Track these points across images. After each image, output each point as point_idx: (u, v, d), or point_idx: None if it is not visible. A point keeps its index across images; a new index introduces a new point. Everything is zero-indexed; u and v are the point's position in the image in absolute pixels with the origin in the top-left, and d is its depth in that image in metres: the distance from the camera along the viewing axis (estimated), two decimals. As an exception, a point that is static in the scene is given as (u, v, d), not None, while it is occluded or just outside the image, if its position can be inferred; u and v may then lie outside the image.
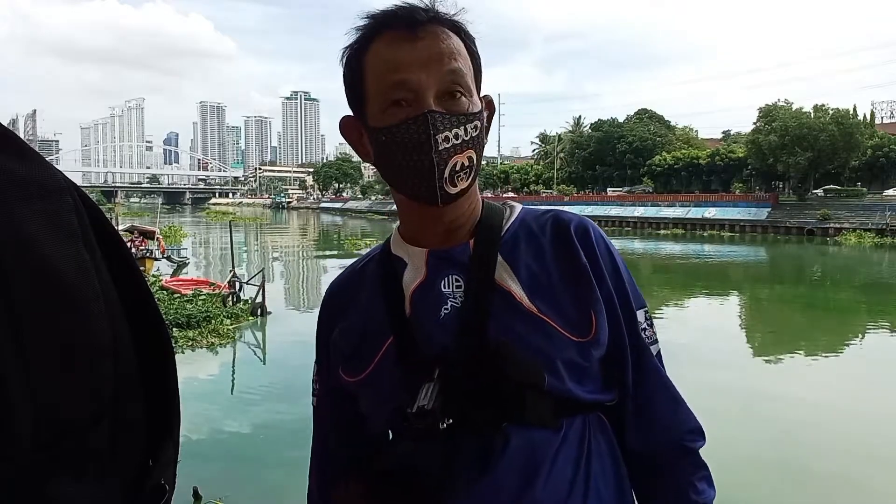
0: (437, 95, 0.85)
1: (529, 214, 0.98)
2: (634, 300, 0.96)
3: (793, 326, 14.01)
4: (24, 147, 0.51)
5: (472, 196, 0.94)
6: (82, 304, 0.51)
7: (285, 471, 6.26)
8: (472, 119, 0.87)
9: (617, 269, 0.95)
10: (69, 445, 0.50)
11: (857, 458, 6.44)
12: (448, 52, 0.86)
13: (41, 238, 0.49)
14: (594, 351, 0.89)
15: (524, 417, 0.85)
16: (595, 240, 0.94)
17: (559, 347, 0.87)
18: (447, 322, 0.89)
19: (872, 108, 71.37)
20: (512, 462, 0.84)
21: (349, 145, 0.96)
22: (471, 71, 0.89)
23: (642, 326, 0.96)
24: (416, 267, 0.94)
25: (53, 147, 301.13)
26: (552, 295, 0.89)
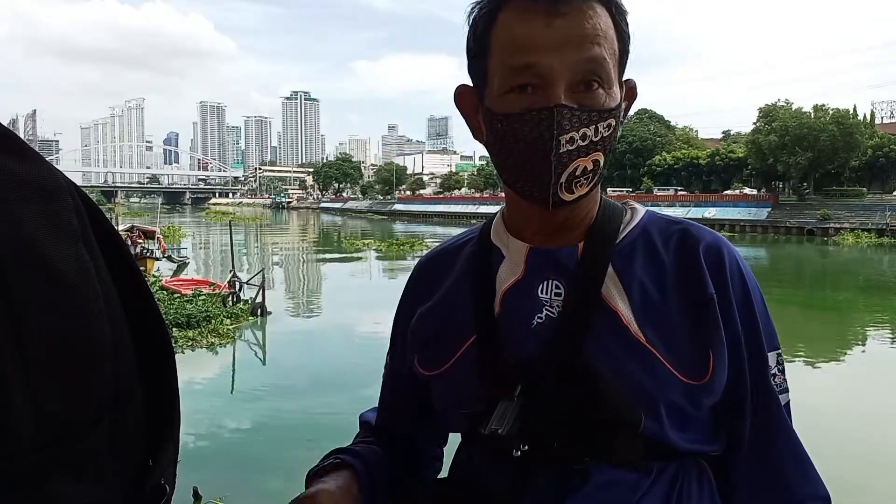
0: (570, 86, 0.73)
1: (654, 222, 0.84)
2: (767, 341, 0.80)
3: (792, 326, 14.01)
4: (24, 147, 0.51)
5: (592, 196, 0.81)
6: (82, 304, 0.51)
7: (285, 471, 6.26)
8: (606, 117, 0.74)
9: (750, 303, 0.79)
10: (69, 445, 0.50)
11: (856, 459, 6.44)
12: (591, 35, 0.72)
13: (41, 238, 0.49)
14: (706, 397, 0.77)
15: (610, 457, 0.75)
16: (729, 265, 0.79)
17: (665, 387, 0.75)
18: (539, 332, 0.78)
19: (872, 108, 71.56)
20: (589, 501, 0.74)
21: (462, 117, 0.85)
22: (615, 56, 0.76)
23: (772, 372, 0.81)
24: (514, 262, 0.83)
25: (53, 147, 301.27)
26: (667, 324, 0.76)
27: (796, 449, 0.82)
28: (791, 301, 17.36)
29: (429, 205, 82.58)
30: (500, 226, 0.88)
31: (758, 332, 0.80)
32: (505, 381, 0.76)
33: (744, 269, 0.81)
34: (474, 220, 67.52)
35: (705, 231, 0.82)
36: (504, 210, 0.89)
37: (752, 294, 0.80)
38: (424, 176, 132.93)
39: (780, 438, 0.81)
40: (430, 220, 67.73)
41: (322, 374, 9.79)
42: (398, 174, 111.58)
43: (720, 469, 0.83)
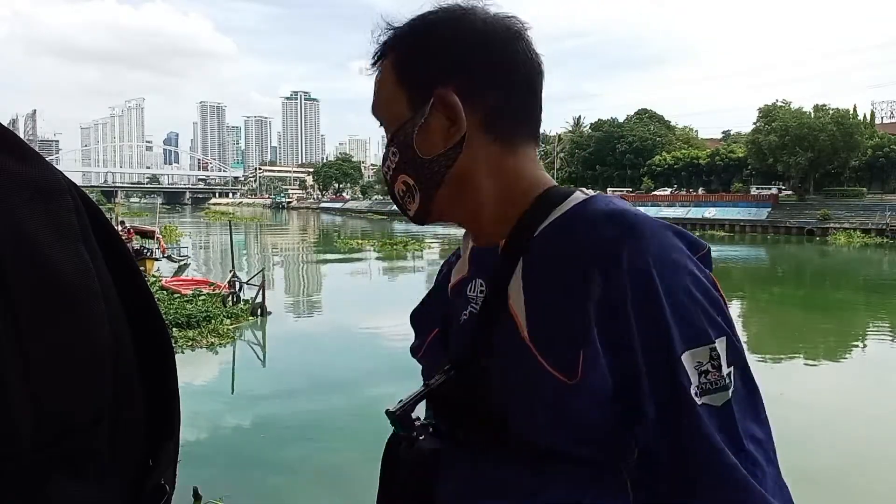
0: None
1: (583, 210, 0.78)
2: (683, 339, 0.71)
3: (792, 326, 14.01)
4: (24, 147, 0.51)
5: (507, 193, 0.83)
6: (82, 304, 0.51)
7: (285, 471, 6.27)
8: (390, 146, 0.86)
9: (653, 301, 0.71)
10: (69, 445, 0.50)
11: (856, 459, 6.45)
12: (375, 95, 0.87)
13: (41, 238, 0.49)
14: (580, 399, 0.72)
15: (502, 452, 0.78)
16: (627, 260, 0.71)
17: (539, 385, 0.73)
18: (464, 328, 0.84)
19: (872, 108, 71.61)
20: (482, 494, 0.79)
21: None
22: (398, 91, 0.84)
23: (702, 369, 0.71)
24: (464, 262, 0.90)
25: (53, 147, 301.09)
26: (551, 322, 0.74)
27: (724, 455, 0.69)
28: (790, 301, 17.36)
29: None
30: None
31: (663, 332, 0.71)
32: (438, 371, 0.83)
33: (652, 264, 0.71)
34: (474, 220, 67.31)
35: (616, 222, 0.74)
36: None
37: (658, 290, 0.71)
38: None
39: (701, 445, 0.70)
40: (430, 220, 67.66)
41: (322, 374, 9.79)
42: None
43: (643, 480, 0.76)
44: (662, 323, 0.71)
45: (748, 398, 0.74)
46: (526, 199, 0.83)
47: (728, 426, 0.71)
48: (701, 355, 0.71)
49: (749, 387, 0.74)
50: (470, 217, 0.87)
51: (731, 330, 0.74)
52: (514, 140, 0.83)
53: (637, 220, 0.74)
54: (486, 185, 0.83)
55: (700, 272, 0.74)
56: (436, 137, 0.81)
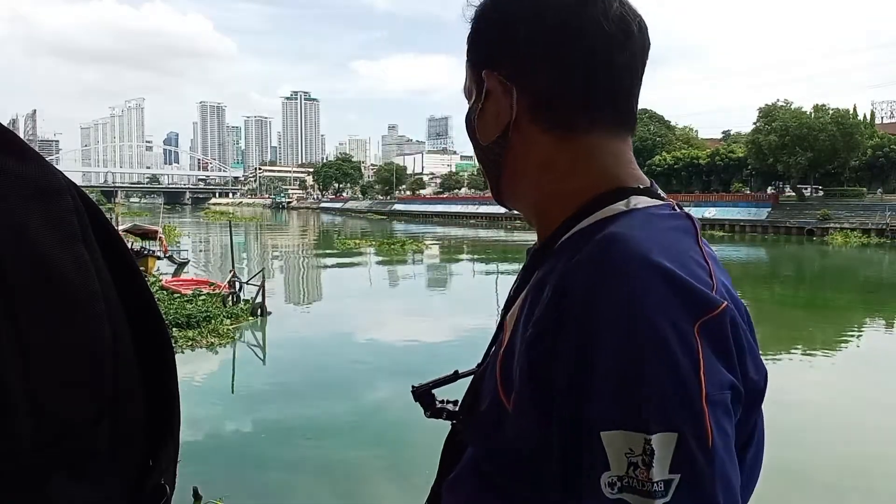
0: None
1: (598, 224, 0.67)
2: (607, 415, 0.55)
3: (791, 326, 14.01)
4: (24, 147, 0.52)
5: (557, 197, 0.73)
6: (82, 304, 0.51)
7: (285, 471, 6.28)
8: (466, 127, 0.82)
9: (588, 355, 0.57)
10: (69, 445, 0.50)
11: (856, 459, 6.45)
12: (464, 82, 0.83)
13: (41, 238, 0.49)
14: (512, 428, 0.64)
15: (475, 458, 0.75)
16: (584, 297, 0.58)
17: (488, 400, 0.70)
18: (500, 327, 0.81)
19: (872, 108, 71.62)
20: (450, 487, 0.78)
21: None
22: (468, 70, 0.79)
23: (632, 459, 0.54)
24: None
25: (53, 147, 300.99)
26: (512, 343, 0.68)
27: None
28: (790, 301, 17.37)
29: (429, 205, 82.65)
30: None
31: (581, 391, 0.57)
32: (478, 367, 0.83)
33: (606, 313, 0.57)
34: (473, 221, 67.75)
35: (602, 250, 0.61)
36: None
37: (598, 346, 0.56)
38: (424, 176, 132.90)
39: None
40: (429, 220, 67.77)
41: (322, 374, 9.80)
42: (398, 174, 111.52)
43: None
44: (589, 382, 0.56)
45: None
46: (576, 201, 0.71)
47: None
48: (633, 442, 0.54)
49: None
50: (527, 212, 0.80)
51: (695, 430, 0.54)
52: (572, 129, 0.71)
53: (624, 256, 0.59)
54: (537, 179, 0.74)
55: (680, 345, 0.55)
56: (490, 123, 0.75)
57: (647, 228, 0.63)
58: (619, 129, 0.72)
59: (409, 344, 11.50)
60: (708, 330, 0.56)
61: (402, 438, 6.66)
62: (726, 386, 0.56)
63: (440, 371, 0.89)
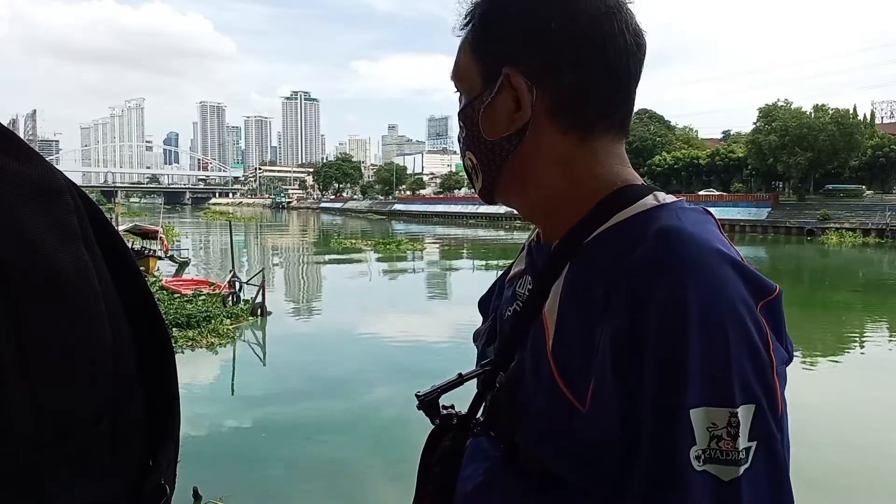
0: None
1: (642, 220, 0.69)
2: (696, 393, 0.60)
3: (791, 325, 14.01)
4: (24, 147, 0.51)
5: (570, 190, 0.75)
6: (82, 304, 0.51)
7: (285, 470, 6.27)
8: (459, 121, 0.81)
9: (673, 341, 0.60)
10: (69, 445, 0.50)
11: (856, 459, 6.45)
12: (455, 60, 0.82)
13: (41, 238, 0.49)
14: (587, 429, 0.65)
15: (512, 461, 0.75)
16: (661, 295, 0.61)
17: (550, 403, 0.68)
18: (506, 325, 0.82)
19: (872, 108, 71.64)
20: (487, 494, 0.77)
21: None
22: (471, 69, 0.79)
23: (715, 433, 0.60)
24: (521, 257, 0.88)
25: (53, 147, 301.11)
26: (574, 341, 0.68)
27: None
28: (790, 300, 17.36)
29: (429, 205, 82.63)
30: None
31: (675, 380, 0.60)
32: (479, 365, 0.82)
33: (690, 300, 0.60)
34: (473, 221, 67.79)
35: (665, 242, 0.64)
36: None
37: (687, 333, 0.60)
38: (424, 176, 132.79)
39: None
40: (429, 220, 67.77)
41: (322, 374, 9.79)
42: (398, 174, 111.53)
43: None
44: (681, 369, 0.60)
45: (768, 486, 0.60)
46: (593, 199, 0.74)
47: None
48: (716, 417, 0.60)
49: (775, 474, 0.61)
50: (530, 209, 0.81)
51: (769, 400, 0.61)
52: (589, 131, 0.74)
53: (690, 246, 0.63)
54: (551, 178, 0.76)
55: (753, 324, 0.61)
56: (501, 119, 0.76)
57: (693, 221, 0.67)
58: (622, 133, 0.77)
59: (409, 343, 11.50)
60: (769, 309, 0.64)
61: (402, 438, 6.66)
62: (783, 360, 0.65)
63: (441, 370, 0.89)
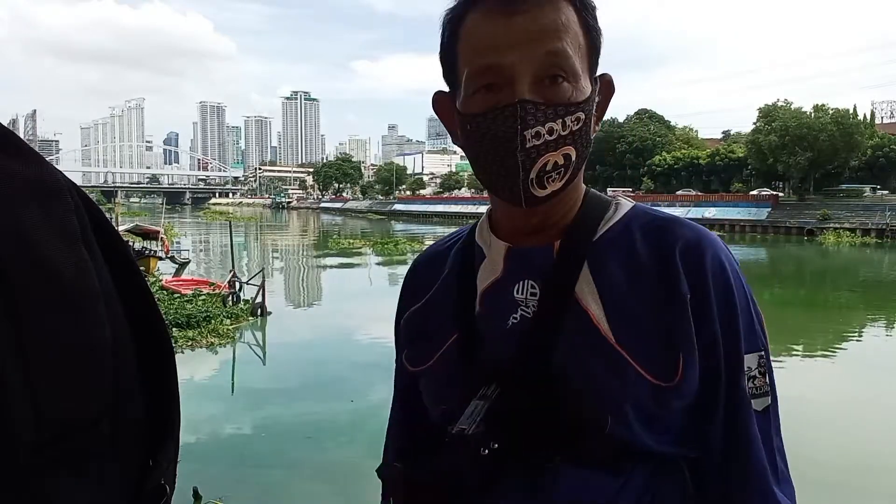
0: (534, 81, 0.73)
1: (638, 218, 0.81)
2: (746, 343, 0.76)
3: (791, 325, 14.02)
4: (24, 147, 0.51)
5: (571, 193, 0.80)
6: (82, 304, 0.51)
7: (285, 471, 6.27)
8: (573, 110, 0.74)
9: (731, 303, 0.76)
10: (69, 445, 0.50)
11: (856, 459, 6.45)
12: (552, 29, 0.72)
13: (41, 238, 0.49)
14: (676, 400, 0.74)
15: (579, 457, 0.74)
16: (710, 264, 0.76)
17: (633, 389, 0.73)
18: (514, 333, 0.79)
19: (872, 108, 71.69)
20: (560, 500, 0.75)
21: (441, 122, 0.86)
22: (582, 49, 0.75)
23: (751, 374, 0.76)
24: (494, 262, 0.83)
25: (53, 147, 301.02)
26: (638, 325, 0.74)
27: (763, 460, 0.77)
28: (790, 300, 17.37)
29: (429, 205, 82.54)
30: (486, 226, 0.89)
31: (736, 334, 0.76)
32: (480, 380, 0.77)
33: (729, 268, 0.77)
34: (473, 220, 67.01)
35: (688, 227, 0.79)
36: (489, 210, 0.91)
37: (734, 293, 0.76)
38: (424, 176, 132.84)
39: (748, 447, 0.77)
40: (429, 220, 67.72)
41: (322, 374, 9.79)
42: (398, 174, 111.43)
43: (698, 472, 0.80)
44: (735, 326, 0.76)
45: (776, 408, 0.80)
46: (578, 198, 0.82)
47: (766, 431, 0.78)
48: (752, 361, 0.77)
49: (776, 396, 0.79)
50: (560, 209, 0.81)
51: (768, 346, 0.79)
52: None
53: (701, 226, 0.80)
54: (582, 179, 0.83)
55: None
56: (598, 118, 0.80)
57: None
58: None
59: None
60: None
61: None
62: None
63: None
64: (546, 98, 0.73)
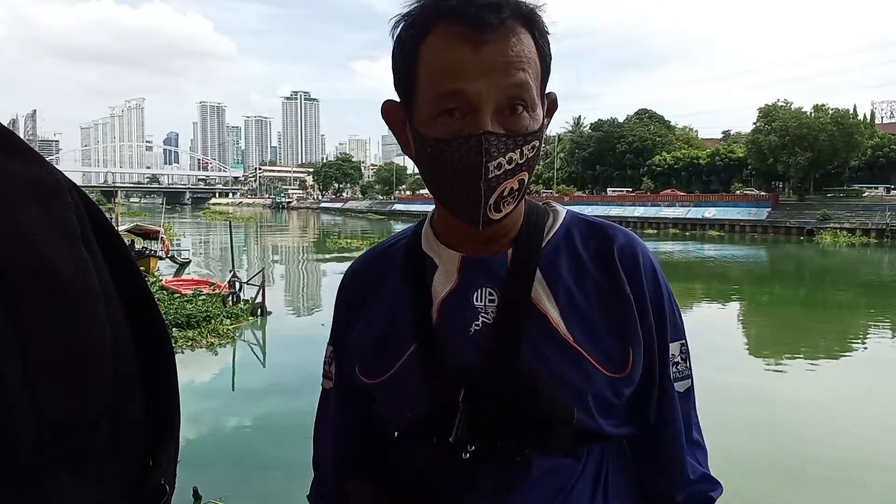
0: (496, 110, 0.75)
1: (574, 223, 0.89)
2: (672, 332, 0.88)
3: (791, 325, 14.02)
4: (24, 147, 0.51)
5: (518, 206, 0.84)
6: (82, 304, 0.51)
7: (285, 471, 6.27)
8: (530, 139, 0.77)
9: (661, 299, 0.87)
10: (69, 445, 0.50)
11: (856, 459, 6.45)
12: (517, 61, 0.74)
13: (41, 238, 0.49)
14: (626, 388, 0.84)
15: (548, 447, 0.81)
16: (643, 265, 0.86)
17: (592, 382, 0.81)
18: (477, 339, 0.82)
19: (872, 108, 71.65)
20: (533, 488, 0.81)
21: (390, 130, 0.87)
22: (538, 78, 0.78)
23: (675, 360, 0.89)
24: (448, 272, 0.86)
25: (53, 147, 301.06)
26: (590, 323, 0.82)
27: (686, 435, 0.90)
28: (790, 299, 17.38)
29: (429, 205, 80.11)
30: (431, 235, 0.90)
31: (665, 325, 0.87)
32: (447, 387, 0.81)
33: (655, 266, 0.88)
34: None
35: (619, 231, 0.89)
36: (433, 218, 0.92)
37: (662, 289, 0.87)
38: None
39: (673, 424, 0.89)
40: (430, 220, 67.60)
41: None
42: (398, 174, 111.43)
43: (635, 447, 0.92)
44: (664, 319, 0.87)
45: (693, 388, 0.92)
46: (521, 212, 0.87)
47: (687, 410, 0.90)
48: (676, 349, 0.89)
49: (693, 378, 0.92)
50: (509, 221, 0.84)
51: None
52: None
53: (627, 229, 0.91)
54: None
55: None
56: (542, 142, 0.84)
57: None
58: None
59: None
60: None
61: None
62: None
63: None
64: (507, 128, 0.75)
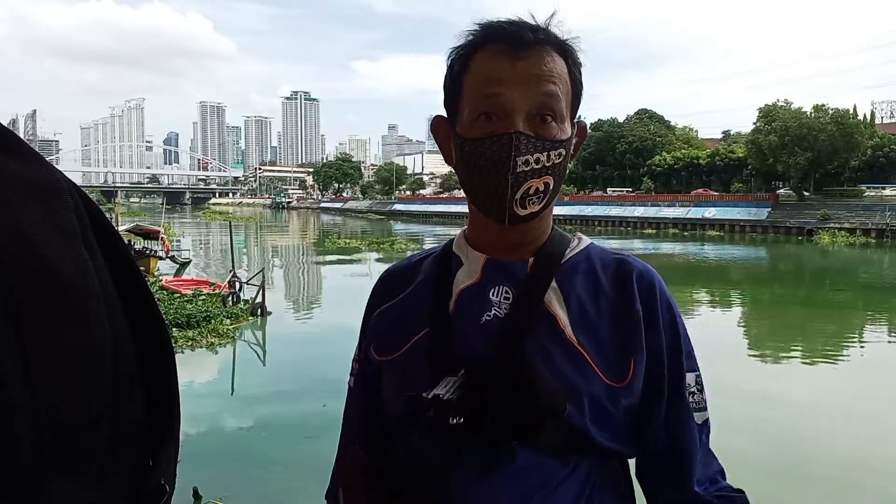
0: (528, 117, 0.86)
1: (596, 251, 0.97)
2: (687, 362, 0.93)
3: (791, 325, 14.02)
4: (24, 147, 0.52)
5: (544, 219, 0.94)
6: (82, 304, 0.51)
7: (285, 471, 6.27)
8: (557, 146, 0.87)
9: (675, 326, 0.93)
10: (69, 445, 0.50)
11: (856, 459, 6.45)
12: (547, 75, 0.86)
13: (41, 238, 0.49)
14: (623, 398, 0.87)
15: (536, 441, 0.84)
16: (659, 292, 0.93)
17: (589, 384, 0.86)
18: (487, 328, 0.89)
19: (872, 108, 71.64)
20: (511, 480, 0.83)
21: (437, 144, 0.98)
22: (568, 97, 0.89)
23: (691, 390, 0.93)
24: (472, 269, 0.95)
25: (53, 147, 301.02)
26: (597, 333, 0.88)
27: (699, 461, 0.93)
28: (790, 299, 17.39)
29: (428, 205, 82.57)
30: (462, 240, 1.00)
31: (679, 353, 0.92)
32: (452, 367, 0.86)
33: (670, 299, 0.94)
34: (474, 220, 67.42)
35: (639, 262, 0.96)
36: (466, 228, 1.02)
37: (677, 320, 0.93)
38: (424, 176, 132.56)
39: (690, 450, 0.92)
40: (429, 221, 67.76)
41: (322, 374, 9.78)
42: (398, 174, 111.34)
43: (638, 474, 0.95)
44: (678, 346, 0.92)
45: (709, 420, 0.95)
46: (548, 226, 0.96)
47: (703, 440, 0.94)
48: (692, 379, 0.94)
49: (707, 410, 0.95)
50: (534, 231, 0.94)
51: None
52: None
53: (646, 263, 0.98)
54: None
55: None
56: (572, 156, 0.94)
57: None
58: None
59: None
60: None
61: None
62: None
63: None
64: (536, 132, 0.86)
